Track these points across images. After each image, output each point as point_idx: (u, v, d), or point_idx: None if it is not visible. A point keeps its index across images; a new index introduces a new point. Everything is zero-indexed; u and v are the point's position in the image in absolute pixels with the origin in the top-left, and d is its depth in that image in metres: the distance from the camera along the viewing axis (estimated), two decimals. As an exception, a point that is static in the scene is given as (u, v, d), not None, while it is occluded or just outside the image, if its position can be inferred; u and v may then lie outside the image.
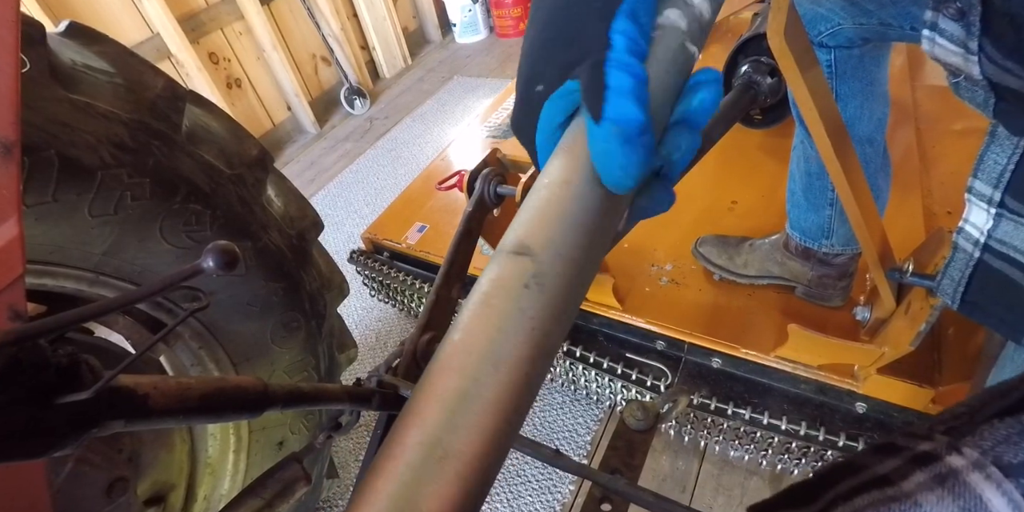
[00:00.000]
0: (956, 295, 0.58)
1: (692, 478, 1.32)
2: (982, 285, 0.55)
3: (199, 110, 0.90)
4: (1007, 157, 0.49)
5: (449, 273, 0.84)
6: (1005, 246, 0.51)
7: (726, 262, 1.33)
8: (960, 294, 0.57)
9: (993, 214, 0.51)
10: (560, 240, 0.25)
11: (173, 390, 0.43)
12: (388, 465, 0.22)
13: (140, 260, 0.77)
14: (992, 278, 0.54)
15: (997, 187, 0.50)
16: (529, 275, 0.25)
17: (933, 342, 1.14)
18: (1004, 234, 0.51)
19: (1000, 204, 0.50)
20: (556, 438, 1.46)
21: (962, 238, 0.55)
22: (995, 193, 0.50)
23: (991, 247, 0.53)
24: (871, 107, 0.95)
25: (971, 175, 0.52)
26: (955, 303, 0.58)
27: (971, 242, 0.54)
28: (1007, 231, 0.51)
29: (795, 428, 1.12)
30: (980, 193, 0.52)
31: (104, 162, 0.69)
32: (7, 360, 0.33)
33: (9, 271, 0.42)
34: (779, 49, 0.65)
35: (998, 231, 0.52)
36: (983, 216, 0.52)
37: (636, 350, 1.33)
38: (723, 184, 1.65)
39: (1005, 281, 0.52)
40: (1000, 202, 0.50)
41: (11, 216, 0.42)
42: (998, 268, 0.53)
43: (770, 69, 1.41)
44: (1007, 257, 0.51)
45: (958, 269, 0.57)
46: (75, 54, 0.75)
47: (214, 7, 2.59)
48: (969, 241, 0.55)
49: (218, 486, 1.02)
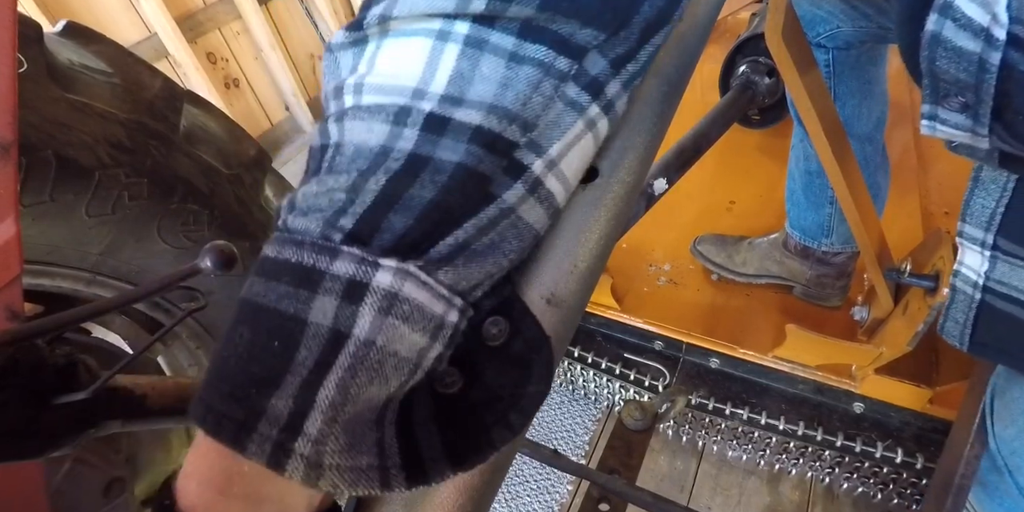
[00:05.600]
0: (964, 337, 0.57)
1: (690, 478, 1.32)
2: (989, 326, 0.55)
3: (197, 110, 0.89)
4: (995, 200, 0.49)
5: (447, 273, 0.84)
6: (1006, 287, 0.51)
7: (724, 260, 1.33)
8: (968, 336, 0.57)
9: (988, 256, 0.51)
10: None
11: (171, 390, 0.43)
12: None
13: (137, 260, 0.77)
14: (998, 319, 0.53)
15: (988, 230, 0.50)
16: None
17: (931, 342, 1.14)
18: (1002, 275, 0.51)
19: (994, 246, 0.50)
20: (554, 438, 1.46)
21: (960, 281, 0.55)
22: (987, 236, 0.50)
23: (992, 288, 0.52)
24: (869, 106, 0.95)
25: (959, 220, 0.52)
26: (964, 345, 0.58)
27: (970, 285, 0.54)
28: (1004, 272, 0.51)
29: (793, 428, 1.12)
30: (972, 237, 0.52)
31: (102, 162, 0.69)
32: (4, 360, 0.33)
33: (6, 271, 0.42)
34: (777, 49, 0.66)
35: (995, 272, 0.51)
36: (978, 259, 0.52)
37: (634, 350, 1.32)
38: (721, 184, 1.65)
39: (1013, 321, 0.52)
40: (993, 245, 0.50)
41: (8, 216, 0.42)
42: (1002, 309, 0.52)
43: (768, 69, 1.41)
44: (1010, 298, 0.51)
45: (961, 312, 0.56)
46: (72, 54, 0.75)
47: (212, 7, 2.58)
48: (968, 284, 0.54)
49: (216, 486, 1.01)
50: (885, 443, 1.06)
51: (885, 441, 1.07)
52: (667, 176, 0.96)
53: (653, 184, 0.92)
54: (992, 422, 0.70)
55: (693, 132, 1.09)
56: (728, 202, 1.58)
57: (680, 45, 0.36)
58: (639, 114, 0.31)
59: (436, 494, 0.22)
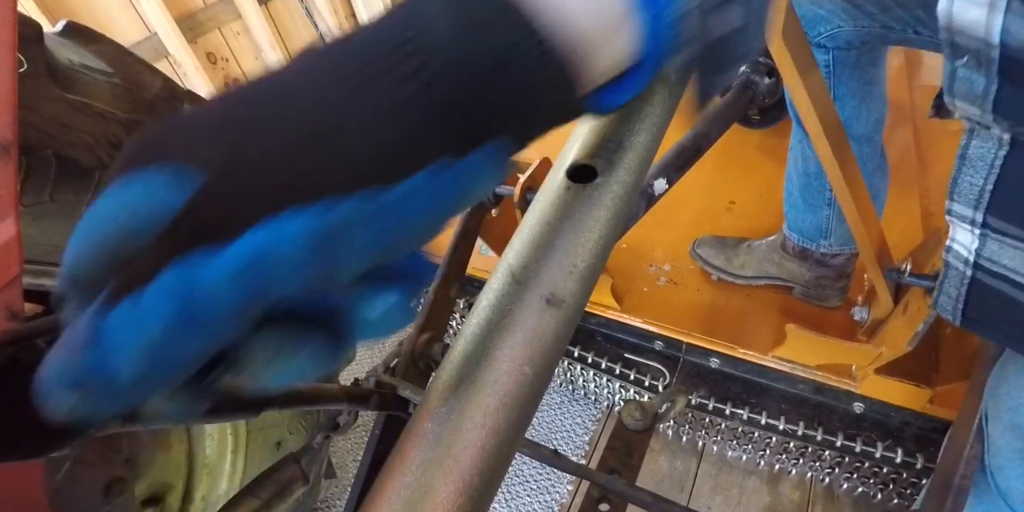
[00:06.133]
0: (956, 312, 0.57)
1: (690, 478, 1.32)
2: (981, 302, 0.55)
3: (197, 110, 0.89)
4: (983, 178, 0.48)
5: (447, 273, 0.84)
6: (995, 265, 0.51)
7: (724, 263, 1.33)
8: (960, 311, 0.57)
9: (978, 235, 0.51)
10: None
11: (171, 390, 0.43)
12: (395, 476, 0.22)
13: (138, 260, 0.77)
14: (989, 295, 0.53)
15: (977, 208, 0.50)
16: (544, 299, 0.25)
17: (931, 342, 1.14)
18: (992, 253, 0.51)
19: (983, 224, 0.50)
20: (554, 438, 1.46)
21: (952, 257, 0.55)
22: (976, 214, 0.50)
23: (982, 266, 0.52)
24: (869, 107, 0.95)
25: (947, 198, 0.52)
26: (956, 320, 0.58)
27: (961, 261, 0.54)
28: (994, 250, 0.51)
29: (793, 428, 1.12)
30: (961, 215, 0.52)
31: (102, 162, 0.69)
32: (4, 360, 0.33)
33: (6, 271, 0.42)
34: (777, 49, 0.66)
35: (985, 250, 0.51)
36: (968, 236, 0.52)
37: (634, 350, 1.33)
38: (721, 184, 1.65)
39: (1003, 298, 0.52)
40: (983, 223, 0.50)
41: (8, 216, 0.42)
42: (993, 286, 0.52)
43: (768, 69, 1.41)
44: (1000, 275, 0.51)
45: (954, 287, 0.56)
46: (72, 54, 0.75)
47: (212, 7, 2.58)
48: (959, 260, 0.54)
49: (216, 486, 1.01)
50: (885, 443, 1.06)
51: (885, 441, 1.07)
52: (667, 176, 0.96)
53: (653, 184, 0.92)
54: (986, 423, 0.70)
55: (693, 132, 1.09)
56: (728, 202, 1.58)
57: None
58: (639, 114, 0.31)
59: (436, 494, 0.22)
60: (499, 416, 0.24)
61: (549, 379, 0.26)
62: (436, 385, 0.25)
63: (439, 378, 0.25)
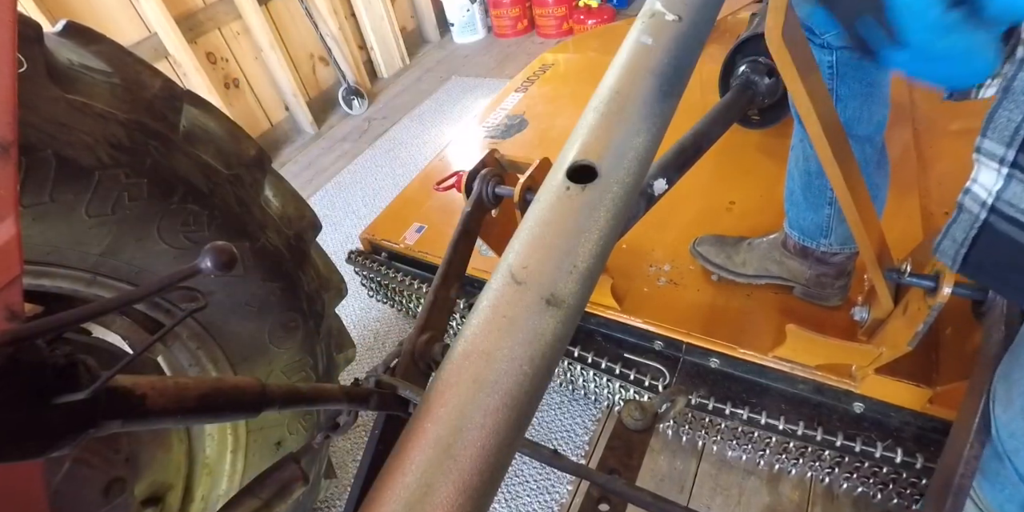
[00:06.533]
0: (957, 256, 0.56)
1: (690, 478, 1.32)
2: (987, 247, 0.54)
3: (197, 110, 0.89)
4: (1022, 113, 0.46)
5: (447, 273, 0.84)
6: (1013, 209, 0.50)
7: (724, 261, 1.33)
8: (962, 255, 0.56)
9: (1004, 174, 0.49)
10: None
11: (171, 390, 0.43)
12: (395, 476, 0.22)
13: (137, 260, 0.77)
14: (998, 241, 0.52)
15: (1011, 146, 0.48)
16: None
17: (931, 342, 1.14)
18: (1012, 196, 0.49)
19: (1013, 164, 0.48)
20: (554, 438, 1.46)
21: (968, 199, 0.53)
22: (1008, 152, 0.48)
23: (998, 209, 0.51)
24: (871, 109, 0.95)
25: (980, 135, 0.50)
26: (955, 264, 0.57)
27: (978, 203, 0.53)
28: (1016, 193, 0.49)
29: (793, 428, 1.12)
30: (990, 152, 0.50)
31: (101, 162, 0.69)
32: (4, 360, 0.33)
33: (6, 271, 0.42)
34: (777, 49, 0.66)
35: (1007, 192, 0.50)
36: (992, 176, 0.50)
37: (634, 350, 1.33)
38: (721, 184, 1.65)
39: (1012, 244, 0.51)
40: (1013, 162, 0.48)
41: (8, 216, 0.42)
42: (1004, 231, 0.51)
43: (768, 69, 1.41)
44: (1014, 220, 0.50)
45: (962, 230, 0.55)
46: (72, 54, 0.75)
47: (212, 7, 2.59)
48: (976, 202, 0.53)
49: (216, 486, 1.02)
50: (885, 443, 1.06)
51: (885, 441, 1.07)
52: (667, 176, 0.96)
53: (653, 184, 0.92)
54: (994, 407, 0.70)
55: (693, 132, 1.09)
56: (728, 202, 1.58)
57: (680, 45, 0.36)
58: (639, 114, 0.31)
59: (436, 494, 0.22)
60: (499, 416, 0.24)
61: (549, 379, 0.26)
62: (436, 385, 0.25)
63: (439, 378, 0.25)
